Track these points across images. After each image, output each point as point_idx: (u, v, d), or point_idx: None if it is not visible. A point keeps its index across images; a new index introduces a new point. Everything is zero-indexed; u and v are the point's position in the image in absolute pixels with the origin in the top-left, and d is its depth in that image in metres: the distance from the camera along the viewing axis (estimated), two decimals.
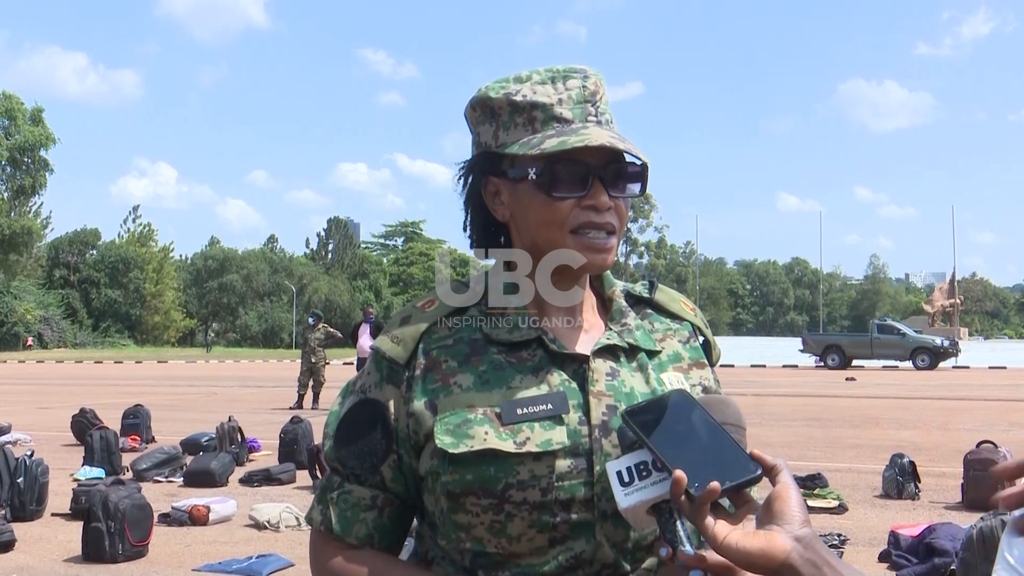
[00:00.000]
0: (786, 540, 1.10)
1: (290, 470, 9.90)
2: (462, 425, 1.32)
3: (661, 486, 1.15)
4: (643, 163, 1.39)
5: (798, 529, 1.11)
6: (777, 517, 1.12)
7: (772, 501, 1.14)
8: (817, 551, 1.10)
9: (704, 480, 1.12)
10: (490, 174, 1.43)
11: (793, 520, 1.11)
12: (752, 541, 1.10)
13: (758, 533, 1.11)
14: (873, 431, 14.18)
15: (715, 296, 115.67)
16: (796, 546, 1.09)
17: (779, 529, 1.11)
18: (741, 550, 1.10)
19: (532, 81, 1.39)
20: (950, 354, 37.57)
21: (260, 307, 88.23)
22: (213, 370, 39.20)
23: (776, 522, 1.11)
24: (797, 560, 1.09)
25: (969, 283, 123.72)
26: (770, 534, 1.11)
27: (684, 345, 1.50)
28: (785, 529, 1.11)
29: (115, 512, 6.47)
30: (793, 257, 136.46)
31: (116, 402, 16.44)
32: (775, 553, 1.09)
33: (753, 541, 1.10)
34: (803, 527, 1.11)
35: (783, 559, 1.09)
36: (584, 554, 1.31)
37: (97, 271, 78.29)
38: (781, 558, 1.09)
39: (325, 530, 1.42)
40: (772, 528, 1.11)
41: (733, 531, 1.12)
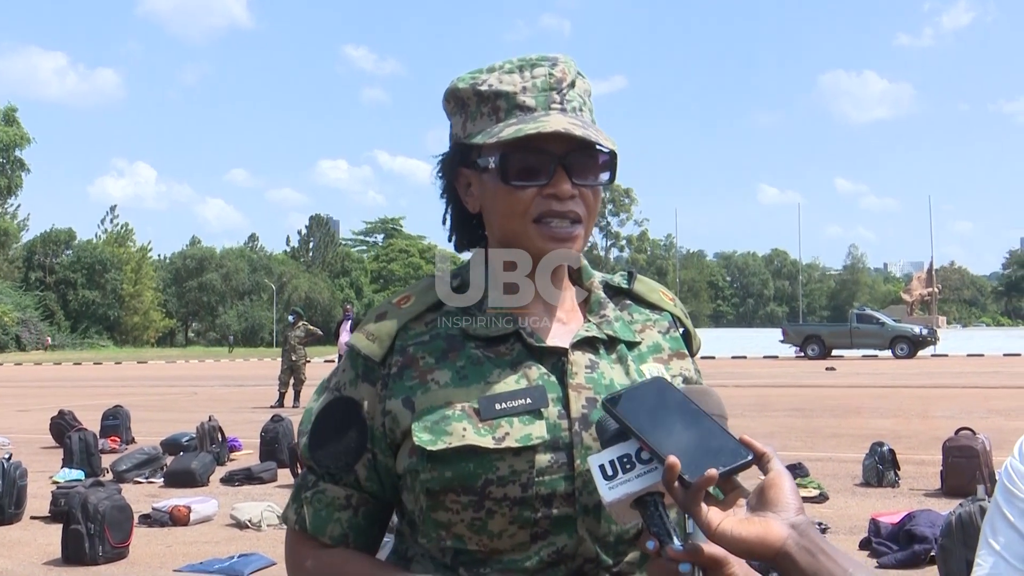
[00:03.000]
0: (782, 527, 1.09)
1: (271, 469, 9.86)
2: (440, 422, 1.31)
3: (646, 479, 1.14)
4: (611, 151, 1.37)
5: (793, 516, 1.10)
6: (771, 504, 1.11)
7: (766, 488, 1.13)
8: (812, 538, 1.09)
9: (697, 466, 1.10)
10: (461, 166, 1.42)
11: (788, 507, 1.11)
12: (748, 528, 1.09)
13: (753, 520, 1.10)
14: (853, 420, 14.25)
15: (695, 288, 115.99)
16: (792, 533, 1.09)
17: (774, 516, 1.10)
18: (737, 537, 1.09)
19: (500, 71, 1.38)
20: (928, 342, 37.78)
21: (240, 306, 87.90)
22: (193, 370, 39.04)
23: (771, 509, 1.11)
24: (793, 547, 1.08)
25: (947, 272, 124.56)
26: (765, 521, 1.10)
27: (664, 336, 1.49)
28: (780, 516, 1.10)
29: (95, 514, 6.42)
30: (773, 248, 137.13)
31: (95, 403, 16.33)
32: (771, 540, 1.09)
33: (749, 528, 1.09)
34: (798, 514, 1.11)
35: (779, 546, 1.09)
36: (566, 549, 1.30)
37: (73, 272, 77.71)
38: (777, 545, 1.09)
39: (300, 529, 1.41)
40: (767, 515, 1.10)
41: (727, 518, 1.11)
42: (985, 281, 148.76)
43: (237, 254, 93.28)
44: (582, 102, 1.39)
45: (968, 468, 8.16)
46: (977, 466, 8.11)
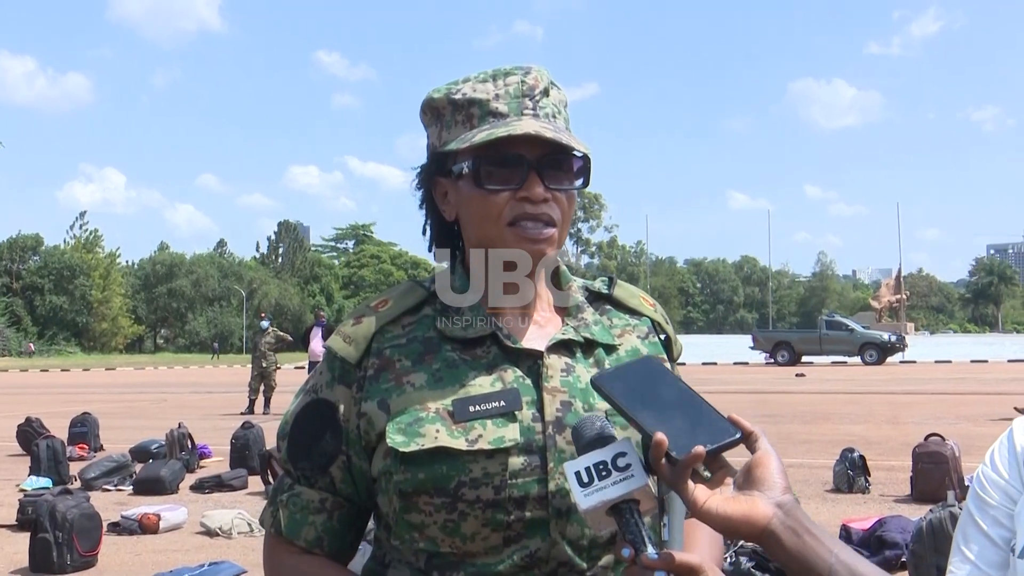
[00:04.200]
0: (767, 506, 1.09)
1: (242, 476, 9.80)
2: (414, 424, 1.31)
3: (621, 486, 1.13)
4: (584, 156, 1.37)
5: (779, 495, 1.10)
6: (758, 483, 1.11)
7: (753, 467, 1.13)
8: (797, 518, 1.10)
9: (684, 443, 1.11)
10: (438, 175, 1.43)
11: (775, 487, 1.11)
12: (733, 506, 1.10)
13: (739, 498, 1.11)
14: (823, 426, 14.33)
15: (666, 295, 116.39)
16: (777, 512, 1.09)
17: (760, 495, 1.10)
18: (722, 515, 1.10)
19: (474, 80, 1.39)
20: (897, 349, 38.08)
21: (210, 312, 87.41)
22: (162, 376, 38.75)
23: (757, 488, 1.11)
24: (778, 526, 1.09)
25: (915, 279, 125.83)
26: (751, 499, 1.10)
27: (643, 340, 1.49)
28: (767, 495, 1.10)
29: (63, 522, 6.36)
30: (743, 255, 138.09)
31: (63, 411, 16.15)
32: (756, 519, 1.09)
33: (734, 506, 1.10)
34: (784, 493, 1.11)
35: (764, 524, 1.09)
36: (539, 552, 1.30)
37: (41, 278, 77.08)
38: (762, 524, 1.09)
39: (275, 532, 1.41)
40: (753, 494, 1.11)
41: (713, 496, 1.11)
42: (952, 288, 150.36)
43: (207, 260, 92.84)
44: (556, 110, 1.40)
45: (938, 474, 8.22)
46: (947, 472, 8.17)
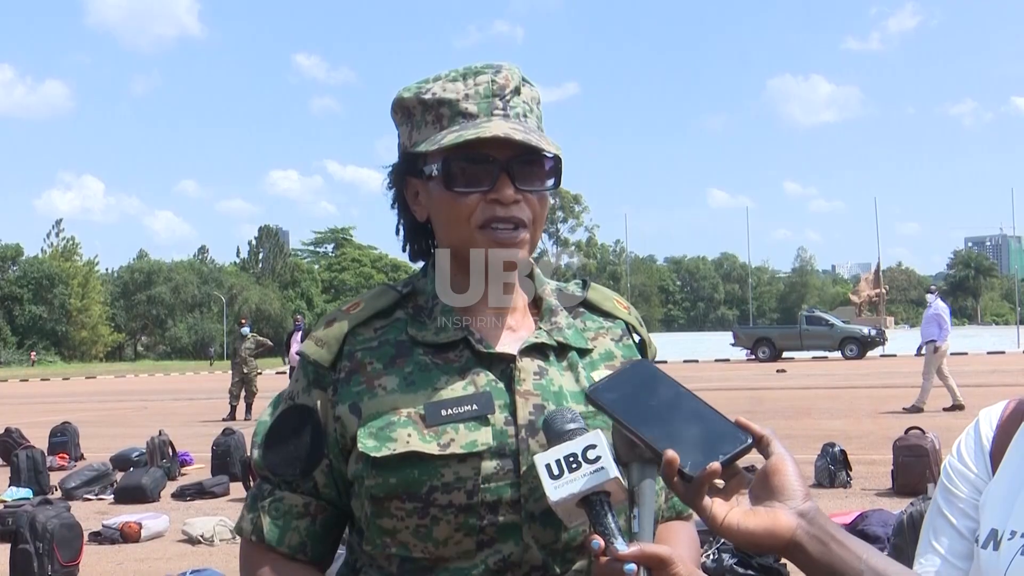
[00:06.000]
0: (790, 517, 1.04)
1: (223, 483, 9.78)
2: (385, 428, 1.30)
3: (592, 479, 1.12)
4: (555, 156, 1.36)
5: (801, 504, 1.06)
6: (777, 492, 1.06)
7: (769, 475, 1.08)
8: (822, 526, 1.05)
9: (697, 457, 1.07)
10: (408, 175, 1.41)
11: (795, 495, 1.06)
12: (755, 521, 1.05)
13: (759, 511, 1.06)
14: (804, 421, 14.38)
15: (646, 293, 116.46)
16: (801, 522, 1.04)
17: (781, 506, 1.05)
18: (744, 531, 1.05)
19: (444, 79, 1.38)
20: (877, 343, 38.21)
21: (190, 318, 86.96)
22: (142, 384, 38.52)
23: (777, 498, 1.06)
24: (803, 537, 1.04)
25: (894, 273, 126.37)
26: (773, 512, 1.05)
27: (617, 343, 1.49)
28: (788, 505, 1.05)
29: (43, 533, 6.33)
30: (722, 252, 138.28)
31: (43, 420, 16.04)
32: (780, 532, 1.04)
33: (756, 520, 1.05)
34: (805, 501, 1.06)
35: (789, 537, 1.04)
36: (512, 556, 1.29)
37: (20, 287, 76.46)
38: (787, 536, 1.04)
39: (256, 540, 1.39)
40: (774, 505, 1.06)
41: (733, 511, 1.06)
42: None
43: (186, 266, 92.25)
44: (528, 109, 1.38)
45: (918, 467, 8.27)
46: (927, 465, 8.22)
